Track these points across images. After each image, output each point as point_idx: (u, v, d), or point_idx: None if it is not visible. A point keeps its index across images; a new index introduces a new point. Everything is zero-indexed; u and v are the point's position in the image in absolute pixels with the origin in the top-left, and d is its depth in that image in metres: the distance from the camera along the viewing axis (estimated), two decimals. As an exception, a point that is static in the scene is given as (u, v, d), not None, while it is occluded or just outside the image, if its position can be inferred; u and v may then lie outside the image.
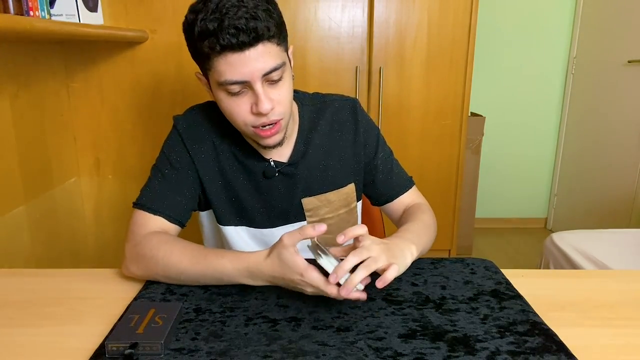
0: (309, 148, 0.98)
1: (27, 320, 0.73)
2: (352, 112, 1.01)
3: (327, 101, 1.02)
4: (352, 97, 1.04)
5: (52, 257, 1.48)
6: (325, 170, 1.00)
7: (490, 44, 2.86)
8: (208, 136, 0.95)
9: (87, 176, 1.65)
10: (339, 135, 1.00)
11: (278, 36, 0.81)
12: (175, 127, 0.96)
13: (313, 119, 1.00)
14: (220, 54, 0.77)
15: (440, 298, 0.79)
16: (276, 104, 0.83)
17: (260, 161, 0.96)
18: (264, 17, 0.76)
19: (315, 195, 1.00)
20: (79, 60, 1.56)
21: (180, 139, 0.94)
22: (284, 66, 0.82)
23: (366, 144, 1.02)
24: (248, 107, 0.82)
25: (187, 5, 0.79)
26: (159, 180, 0.92)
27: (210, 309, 0.75)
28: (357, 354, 0.64)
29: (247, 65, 0.77)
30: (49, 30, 1.10)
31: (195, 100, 1.59)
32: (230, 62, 0.78)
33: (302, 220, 1.01)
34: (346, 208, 1.05)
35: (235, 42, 0.75)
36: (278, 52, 0.81)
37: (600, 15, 2.67)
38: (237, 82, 0.79)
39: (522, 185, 3.13)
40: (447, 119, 2.11)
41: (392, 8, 2.01)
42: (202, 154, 0.94)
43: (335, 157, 1.00)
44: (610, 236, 1.66)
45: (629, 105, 2.45)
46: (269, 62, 0.79)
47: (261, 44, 0.78)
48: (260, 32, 0.76)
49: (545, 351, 0.64)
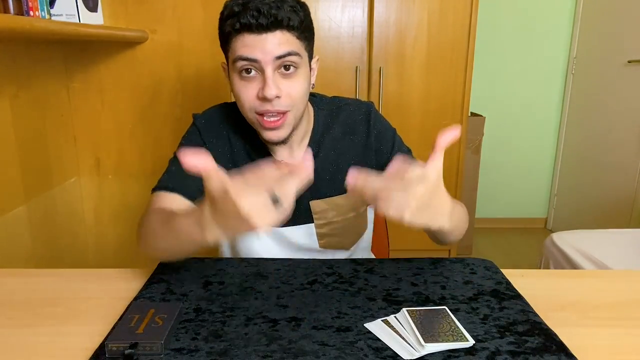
0: (320, 151, 0.98)
1: (27, 320, 0.73)
2: (366, 116, 1.00)
3: (342, 105, 1.01)
4: (368, 101, 1.04)
5: (52, 257, 1.48)
6: (335, 174, 0.99)
7: (490, 44, 2.86)
8: (225, 132, 0.98)
9: (87, 176, 1.65)
10: (350, 139, 1.00)
11: (299, 31, 0.83)
12: (194, 123, 0.99)
13: (327, 122, 1.00)
14: (239, 34, 0.81)
15: (440, 298, 0.79)
16: (284, 95, 0.83)
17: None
18: (287, 9, 0.80)
19: (323, 198, 1.00)
20: (79, 60, 1.56)
21: (198, 133, 0.97)
22: (299, 59, 0.83)
23: (378, 148, 1.00)
24: (255, 92, 0.83)
25: (187, 5, 0.80)
26: (175, 165, 0.95)
27: (210, 309, 0.75)
28: (357, 354, 0.64)
29: (262, 47, 0.80)
30: (49, 30, 1.10)
31: (195, 101, 1.59)
32: (246, 42, 0.81)
33: (309, 222, 1.01)
34: (355, 212, 1.04)
35: (255, 24, 0.78)
36: (297, 45, 0.83)
37: (600, 15, 2.67)
38: (249, 59, 0.81)
39: (522, 185, 3.13)
40: (447, 119, 2.11)
41: (392, 8, 2.01)
42: (218, 148, 0.97)
43: (345, 161, 0.99)
44: (610, 236, 1.66)
45: (629, 105, 2.45)
46: (283, 47, 0.81)
47: (280, 31, 0.80)
48: (280, 18, 0.79)
49: (545, 351, 0.64)
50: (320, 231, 1.02)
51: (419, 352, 0.64)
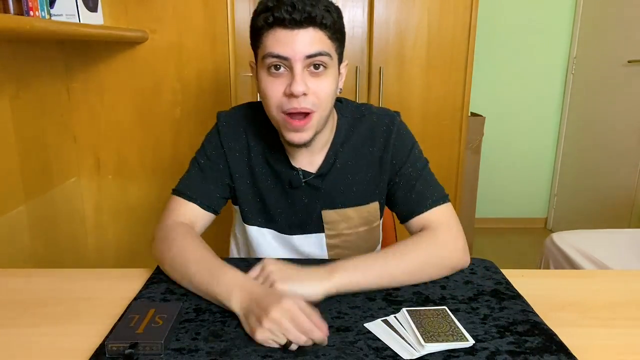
0: (337, 161, 0.96)
1: (27, 320, 0.73)
2: (387, 128, 0.97)
3: (366, 114, 0.98)
4: (394, 111, 1.00)
5: (52, 257, 1.48)
6: (350, 186, 0.97)
7: (490, 44, 2.86)
8: (245, 135, 0.98)
9: (87, 176, 1.65)
10: (369, 150, 0.97)
11: (332, 32, 0.82)
12: (217, 123, 0.99)
13: (348, 131, 0.97)
14: (271, 28, 0.81)
15: (440, 298, 0.79)
16: (311, 93, 0.82)
17: (288, 169, 0.95)
18: (322, 8, 0.80)
19: (335, 209, 0.99)
20: (79, 60, 1.56)
21: (218, 135, 0.98)
22: (329, 59, 0.83)
23: (393, 160, 0.96)
24: (283, 89, 0.83)
25: (187, 5, 0.80)
26: (195, 169, 0.97)
27: (210, 309, 0.75)
28: (357, 354, 0.64)
29: (293, 44, 0.80)
30: (49, 30, 1.10)
31: (195, 101, 1.59)
32: (278, 38, 0.80)
33: (320, 232, 1.00)
34: (367, 226, 1.02)
35: (288, 18, 0.78)
36: (328, 44, 0.82)
37: (600, 15, 2.67)
38: (279, 56, 0.80)
39: (522, 185, 3.13)
40: (447, 119, 2.11)
41: (392, 8, 2.01)
42: (236, 152, 0.97)
43: (361, 173, 0.97)
44: (610, 236, 1.66)
45: (629, 105, 2.45)
46: (315, 46, 0.80)
47: (312, 28, 0.80)
48: (314, 15, 0.79)
49: (545, 351, 0.64)
50: (330, 242, 1.01)
51: (419, 352, 0.64)
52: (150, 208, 1.67)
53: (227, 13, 1.49)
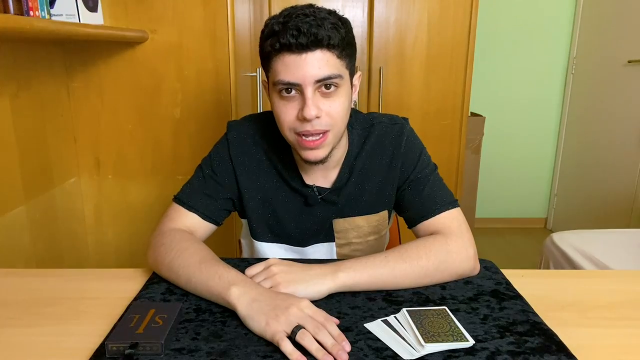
0: (352, 175, 0.96)
1: (27, 320, 0.73)
2: (396, 137, 0.96)
3: (375, 124, 0.97)
4: (402, 118, 1.00)
5: (52, 257, 1.48)
6: (361, 195, 0.97)
7: (490, 44, 2.86)
8: (255, 150, 0.96)
9: (87, 176, 1.65)
10: (379, 159, 0.96)
11: (340, 50, 0.80)
12: (227, 134, 0.97)
13: (360, 144, 0.96)
14: (279, 53, 0.79)
15: (440, 298, 0.79)
16: (324, 114, 0.81)
17: (302, 186, 0.94)
18: (328, 28, 0.78)
19: (345, 217, 0.98)
20: (79, 60, 1.56)
21: (227, 148, 0.95)
22: (340, 79, 0.81)
23: (402, 167, 0.96)
24: (295, 112, 0.82)
25: (187, 5, 0.80)
26: (199, 179, 0.95)
27: (210, 309, 0.75)
28: (357, 354, 0.64)
29: (302, 69, 0.78)
30: (49, 30, 1.10)
31: (195, 101, 1.59)
32: (286, 63, 0.79)
33: (331, 241, 1.00)
34: (376, 235, 1.02)
35: (294, 43, 0.77)
36: (336, 64, 0.80)
37: (600, 15, 2.67)
38: (290, 83, 0.79)
39: (522, 185, 3.13)
40: (447, 119, 2.11)
41: (392, 8, 2.01)
42: (245, 167, 0.95)
43: (371, 182, 0.97)
44: (610, 236, 1.66)
45: (629, 105, 2.45)
46: (324, 70, 0.79)
47: (320, 50, 0.78)
48: (320, 37, 0.77)
49: (545, 351, 0.64)
50: (340, 251, 1.01)
51: (419, 352, 0.64)
52: (150, 208, 1.67)
53: (227, 13, 1.49)
